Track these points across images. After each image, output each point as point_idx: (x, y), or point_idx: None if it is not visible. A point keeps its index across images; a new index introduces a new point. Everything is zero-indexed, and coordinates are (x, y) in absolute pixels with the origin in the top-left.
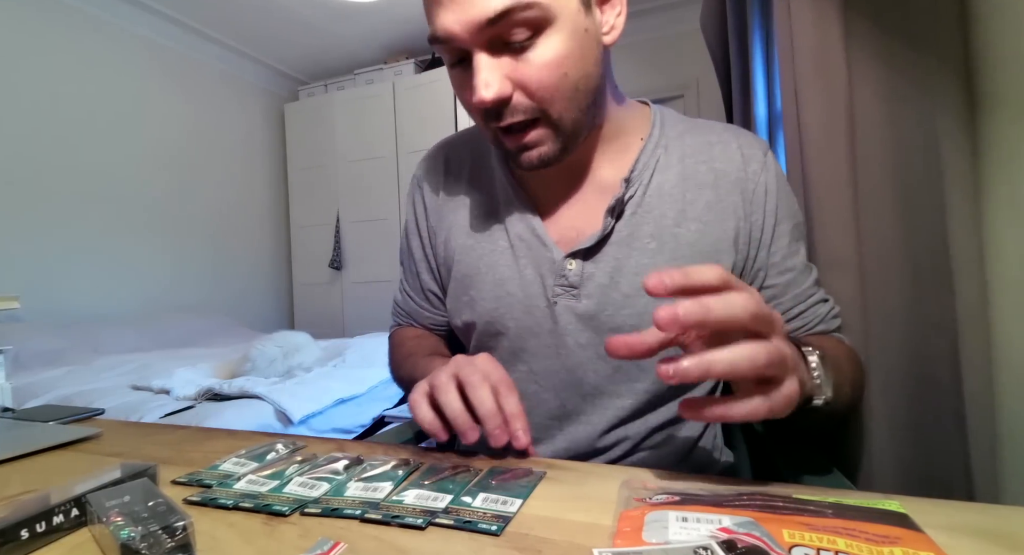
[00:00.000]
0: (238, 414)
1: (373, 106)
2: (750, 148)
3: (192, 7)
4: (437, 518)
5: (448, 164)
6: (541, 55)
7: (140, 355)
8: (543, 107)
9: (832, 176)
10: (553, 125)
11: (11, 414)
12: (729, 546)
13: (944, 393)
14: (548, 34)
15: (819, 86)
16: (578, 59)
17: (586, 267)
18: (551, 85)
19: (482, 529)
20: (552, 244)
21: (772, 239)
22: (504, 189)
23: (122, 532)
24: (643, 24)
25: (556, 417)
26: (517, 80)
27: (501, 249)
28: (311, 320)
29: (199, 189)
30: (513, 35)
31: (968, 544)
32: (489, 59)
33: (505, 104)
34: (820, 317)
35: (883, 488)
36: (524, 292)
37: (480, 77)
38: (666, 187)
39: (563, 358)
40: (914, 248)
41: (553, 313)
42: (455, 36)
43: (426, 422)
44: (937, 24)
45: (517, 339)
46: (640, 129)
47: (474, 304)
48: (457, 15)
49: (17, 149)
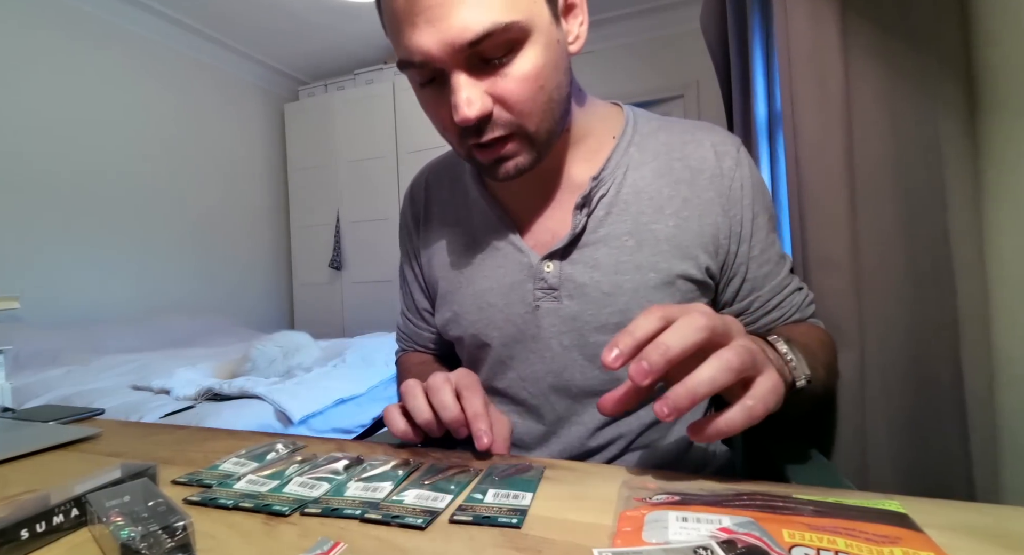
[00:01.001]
0: (238, 414)
1: (373, 106)
2: (723, 145)
3: (192, 7)
4: (457, 516)
5: (429, 188)
6: (519, 70)
7: (140, 355)
8: (520, 121)
9: (827, 176)
10: (528, 137)
11: (11, 414)
12: (729, 546)
13: (944, 393)
14: (525, 49)
15: (814, 86)
16: (552, 70)
17: (564, 268)
18: (529, 98)
19: (503, 523)
20: (528, 250)
21: (752, 232)
22: (478, 204)
23: (122, 532)
24: (643, 24)
25: (549, 421)
26: (496, 95)
27: (479, 262)
28: (311, 320)
29: (199, 189)
30: (492, 53)
31: (968, 544)
32: (468, 78)
33: (486, 120)
34: (796, 306)
35: (883, 488)
36: (505, 301)
37: (461, 96)
38: (641, 184)
39: (548, 362)
40: (915, 248)
41: (536, 318)
42: (433, 57)
43: (398, 430)
44: (937, 24)
45: (503, 348)
46: (612, 128)
47: (458, 319)
48: (435, 37)
49: (17, 149)
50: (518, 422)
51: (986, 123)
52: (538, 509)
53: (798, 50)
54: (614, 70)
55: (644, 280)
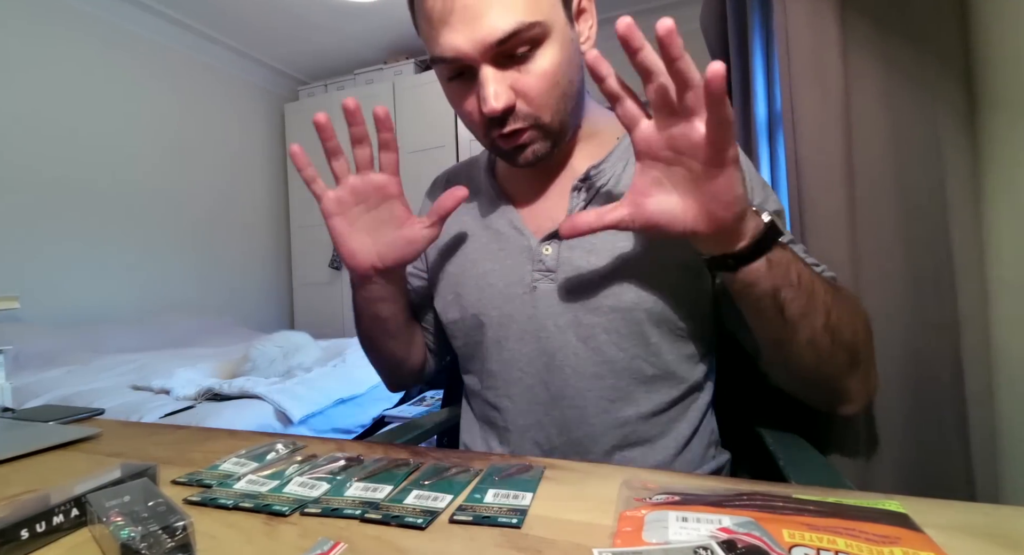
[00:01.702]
0: (238, 414)
1: (373, 106)
2: None
3: (192, 7)
4: (457, 516)
5: (448, 183)
6: (539, 66)
7: (140, 355)
8: (538, 113)
9: (826, 176)
10: (544, 128)
11: (11, 414)
12: (729, 546)
13: (944, 393)
14: (544, 47)
15: (813, 86)
16: (567, 68)
17: (562, 251)
18: (546, 93)
19: (503, 523)
20: (529, 233)
21: None
22: (488, 193)
23: (122, 532)
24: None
25: (542, 402)
26: (518, 90)
27: (483, 246)
28: (311, 320)
29: (198, 189)
30: (517, 50)
31: (968, 544)
32: (496, 72)
33: (509, 112)
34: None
35: (883, 488)
36: (504, 281)
37: (489, 89)
38: None
39: (543, 342)
40: (915, 249)
41: (533, 298)
42: (465, 54)
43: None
44: (937, 24)
45: (499, 327)
46: (617, 130)
47: (460, 300)
48: (467, 35)
49: (16, 149)
50: (514, 407)
51: (986, 123)
52: (538, 509)
53: (798, 50)
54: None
55: (640, 265)
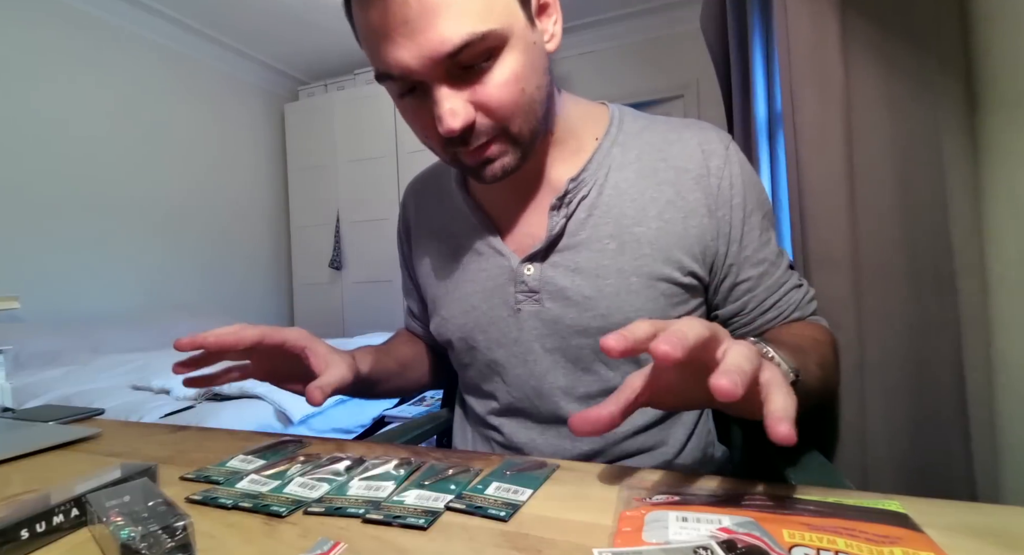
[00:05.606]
0: (238, 414)
1: (373, 106)
2: (710, 143)
3: (192, 7)
4: (452, 503)
5: (416, 197)
6: (499, 76)
7: (140, 355)
8: (503, 124)
9: (826, 175)
10: (512, 138)
11: (11, 414)
12: (729, 546)
13: (944, 393)
14: (503, 56)
15: (814, 85)
16: (531, 72)
17: (544, 271)
18: (510, 102)
19: (491, 515)
20: (509, 253)
21: (743, 233)
22: (461, 209)
23: (122, 532)
24: (643, 24)
25: (538, 423)
26: (477, 103)
27: (463, 267)
28: (311, 320)
29: (198, 189)
30: (470, 62)
31: (968, 544)
32: (449, 89)
33: (470, 130)
34: (795, 304)
35: (883, 488)
36: (488, 304)
37: (445, 107)
38: (624, 185)
39: (531, 365)
40: (915, 248)
41: (518, 321)
42: (412, 71)
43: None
44: (937, 24)
45: (488, 351)
46: (596, 129)
47: (446, 324)
48: (412, 51)
49: (15, 150)
50: (509, 425)
51: (986, 122)
52: (538, 509)
53: (798, 50)
54: (614, 70)
55: (626, 284)
